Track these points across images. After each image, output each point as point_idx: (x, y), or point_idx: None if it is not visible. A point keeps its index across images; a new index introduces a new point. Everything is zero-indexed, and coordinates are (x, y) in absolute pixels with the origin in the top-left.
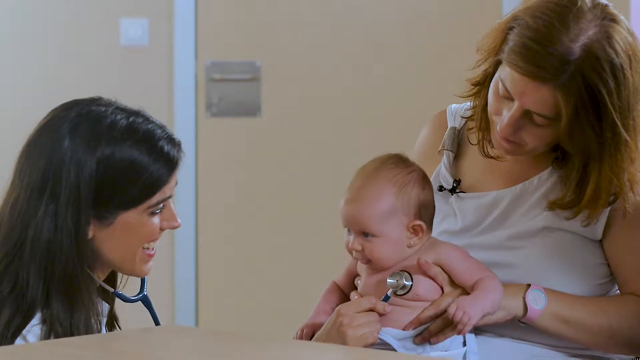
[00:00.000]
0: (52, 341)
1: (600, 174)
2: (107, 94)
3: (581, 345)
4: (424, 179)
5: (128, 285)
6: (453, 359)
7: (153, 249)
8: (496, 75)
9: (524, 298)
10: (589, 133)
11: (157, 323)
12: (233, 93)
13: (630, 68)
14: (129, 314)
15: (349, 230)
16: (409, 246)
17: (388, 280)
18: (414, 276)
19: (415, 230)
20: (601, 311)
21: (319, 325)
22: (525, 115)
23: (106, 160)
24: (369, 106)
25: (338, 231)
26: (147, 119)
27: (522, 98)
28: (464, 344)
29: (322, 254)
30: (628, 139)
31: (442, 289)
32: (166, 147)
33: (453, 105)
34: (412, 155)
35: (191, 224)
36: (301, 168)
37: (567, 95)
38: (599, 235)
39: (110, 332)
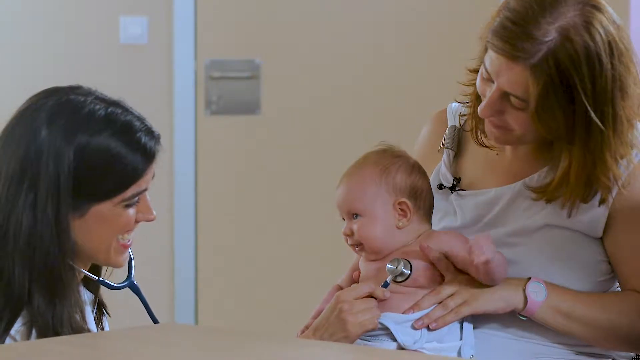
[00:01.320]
0: (50, 339)
1: (571, 157)
2: (106, 92)
3: (581, 341)
4: (413, 167)
5: (115, 275)
6: (448, 354)
7: (129, 240)
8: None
9: (524, 290)
10: (559, 115)
11: (148, 310)
12: (232, 91)
13: (611, 56)
14: (125, 302)
15: (344, 221)
16: (399, 227)
17: (387, 265)
18: (413, 263)
19: (402, 211)
20: (602, 307)
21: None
22: (504, 98)
23: (83, 150)
24: (368, 104)
25: (337, 229)
26: (126, 110)
27: (498, 78)
28: (461, 338)
29: (322, 250)
30: (602, 127)
31: (442, 278)
32: (144, 139)
33: (453, 104)
34: (413, 154)
35: (191, 222)
36: (301, 166)
37: (537, 76)
38: (600, 233)
39: (109, 330)
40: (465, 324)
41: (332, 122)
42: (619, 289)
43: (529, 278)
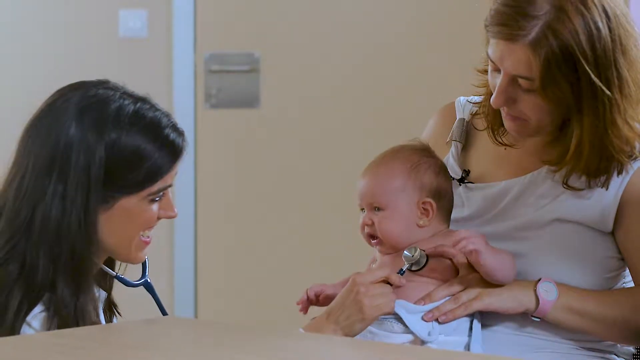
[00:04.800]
0: (53, 332)
1: (582, 126)
2: None
3: (594, 337)
4: (441, 169)
5: (127, 273)
6: (454, 348)
7: (149, 236)
8: None
9: (535, 290)
10: (565, 87)
11: (161, 308)
12: (232, 84)
13: (607, 20)
14: (132, 302)
15: (363, 211)
16: (419, 226)
17: (404, 252)
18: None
19: (425, 210)
20: (614, 303)
21: (329, 290)
22: (513, 83)
23: (113, 145)
24: (368, 98)
25: (337, 222)
26: (153, 106)
27: (503, 63)
28: (469, 334)
29: (321, 244)
30: (608, 92)
31: (457, 272)
32: (172, 136)
33: (461, 98)
34: None
35: (190, 215)
36: (300, 159)
37: (537, 51)
38: (610, 227)
39: (110, 323)
40: (475, 322)
41: (331, 116)
42: (624, 285)
43: (539, 279)
